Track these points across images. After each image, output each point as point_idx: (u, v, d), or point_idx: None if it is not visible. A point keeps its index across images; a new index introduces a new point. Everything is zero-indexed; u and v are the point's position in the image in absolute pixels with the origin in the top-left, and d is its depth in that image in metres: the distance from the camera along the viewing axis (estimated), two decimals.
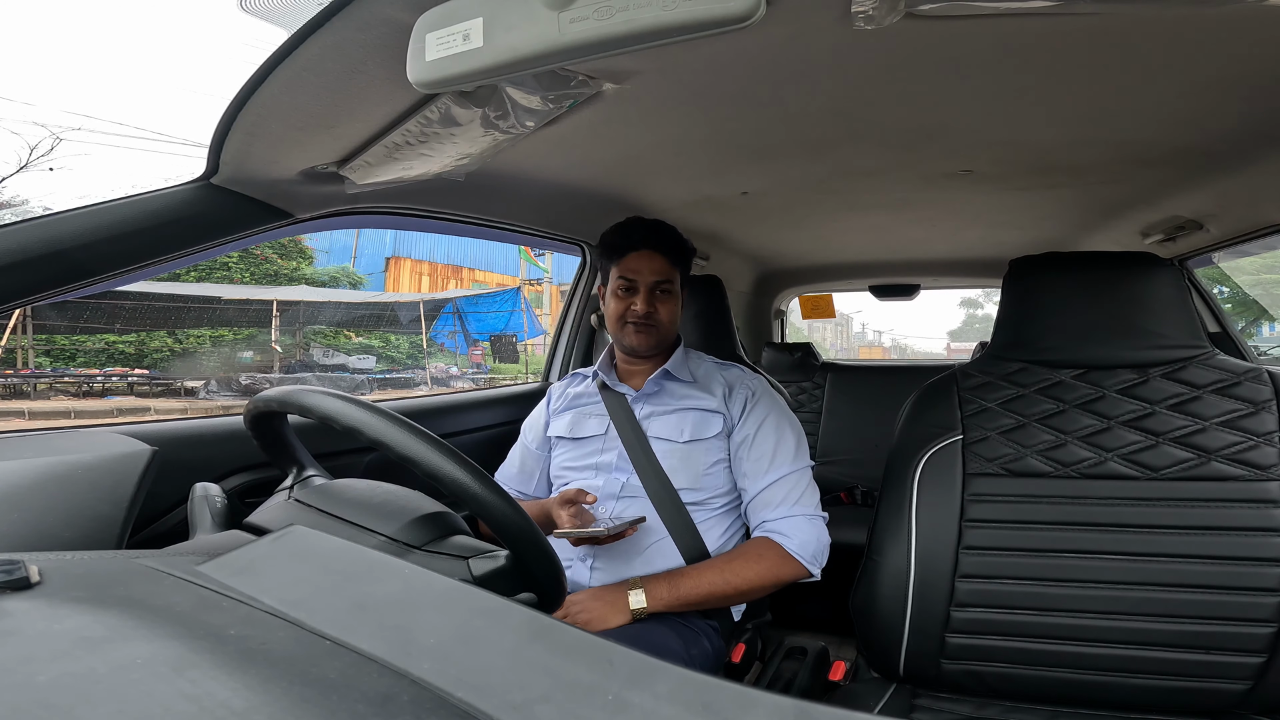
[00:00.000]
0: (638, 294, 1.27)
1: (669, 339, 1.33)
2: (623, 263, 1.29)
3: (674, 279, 1.30)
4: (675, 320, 1.33)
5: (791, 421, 1.28)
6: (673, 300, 1.31)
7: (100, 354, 10.47)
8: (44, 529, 0.71)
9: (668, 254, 1.29)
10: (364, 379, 10.96)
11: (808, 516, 1.18)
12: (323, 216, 1.12)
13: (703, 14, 0.53)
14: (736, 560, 1.14)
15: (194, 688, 0.28)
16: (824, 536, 1.18)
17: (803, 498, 1.20)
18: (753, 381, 1.31)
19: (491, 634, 0.34)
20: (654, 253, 1.28)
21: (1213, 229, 1.61)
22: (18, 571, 0.36)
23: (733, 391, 1.28)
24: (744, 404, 1.27)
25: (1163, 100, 0.97)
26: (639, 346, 1.29)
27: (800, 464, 1.23)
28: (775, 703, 0.28)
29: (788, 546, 1.14)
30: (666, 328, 1.30)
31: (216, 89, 25.72)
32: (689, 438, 1.24)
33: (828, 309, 3.14)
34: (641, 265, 1.27)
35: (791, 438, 1.24)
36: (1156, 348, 1.02)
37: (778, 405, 1.28)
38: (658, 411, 1.28)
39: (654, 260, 1.28)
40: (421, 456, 0.62)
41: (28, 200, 11.43)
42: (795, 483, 1.21)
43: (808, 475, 1.23)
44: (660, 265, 1.28)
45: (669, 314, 1.30)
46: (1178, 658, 0.94)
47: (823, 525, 1.19)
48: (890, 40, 0.76)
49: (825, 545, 1.18)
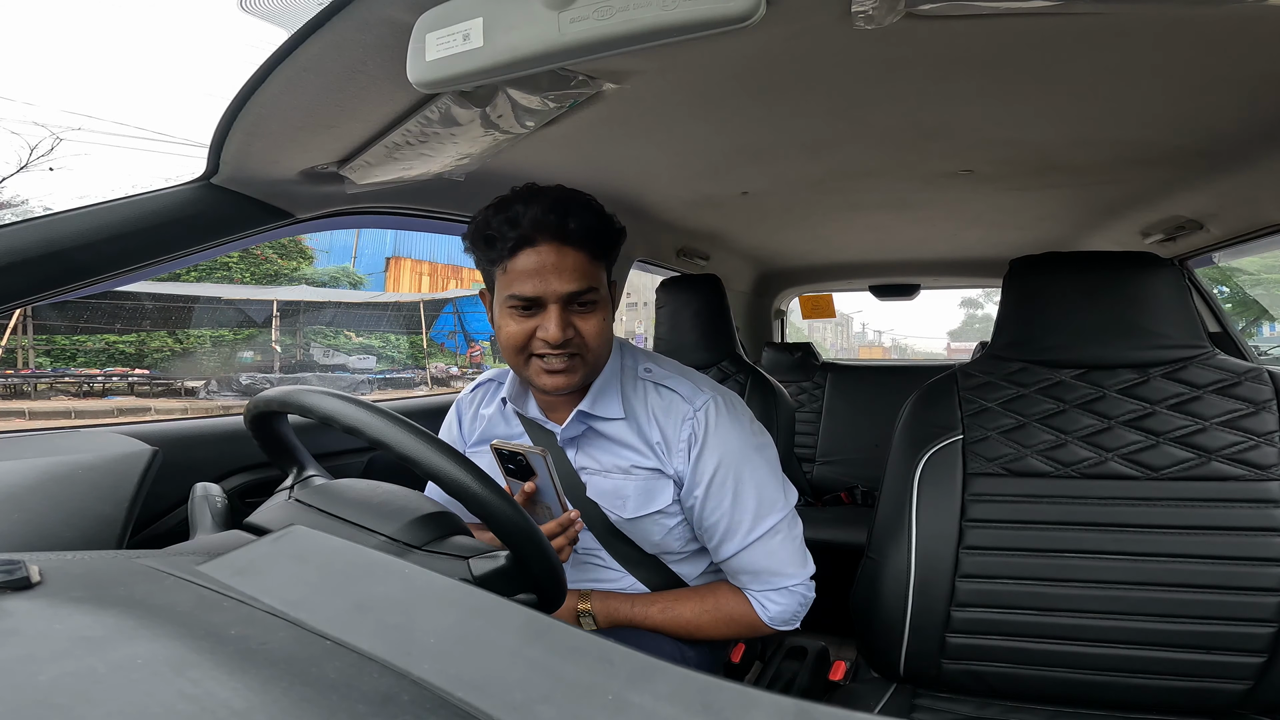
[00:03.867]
0: (544, 312, 0.87)
1: (600, 363, 0.94)
2: (513, 266, 0.86)
3: (598, 281, 0.89)
4: (607, 338, 0.93)
5: (754, 460, 0.96)
6: (599, 311, 0.90)
7: (100, 354, 10.48)
8: (45, 529, 0.71)
9: (585, 245, 0.87)
10: (364, 379, 10.97)
11: (785, 588, 0.97)
12: (323, 216, 1.12)
13: (703, 14, 0.53)
14: (706, 613, 0.97)
15: (194, 687, 0.28)
16: (806, 599, 0.99)
17: (777, 565, 0.96)
18: (698, 410, 0.95)
19: (492, 634, 0.34)
20: (563, 246, 0.85)
21: (1213, 229, 1.61)
22: (18, 571, 0.36)
23: (668, 439, 0.95)
24: (689, 453, 0.94)
25: (1163, 100, 0.97)
26: (554, 389, 0.91)
27: (772, 519, 0.95)
28: (775, 703, 0.28)
29: (763, 616, 0.97)
30: (596, 351, 0.91)
31: (216, 89, 25.73)
32: (633, 514, 0.96)
33: (828, 309, 3.14)
34: (545, 269, 0.85)
35: (751, 488, 0.94)
36: (1157, 347, 1.02)
37: (731, 442, 0.95)
38: (591, 467, 0.98)
39: (564, 258, 0.85)
40: (422, 457, 0.62)
41: (28, 200, 11.44)
42: (764, 550, 0.95)
43: (784, 530, 0.96)
44: (575, 264, 0.86)
45: (596, 331, 0.89)
46: (1178, 657, 0.94)
47: (807, 589, 0.98)
48: (890, 40, 0.76)
49: (806, 604, 0.99)
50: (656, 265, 2.14)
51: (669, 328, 1.69)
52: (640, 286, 17.14)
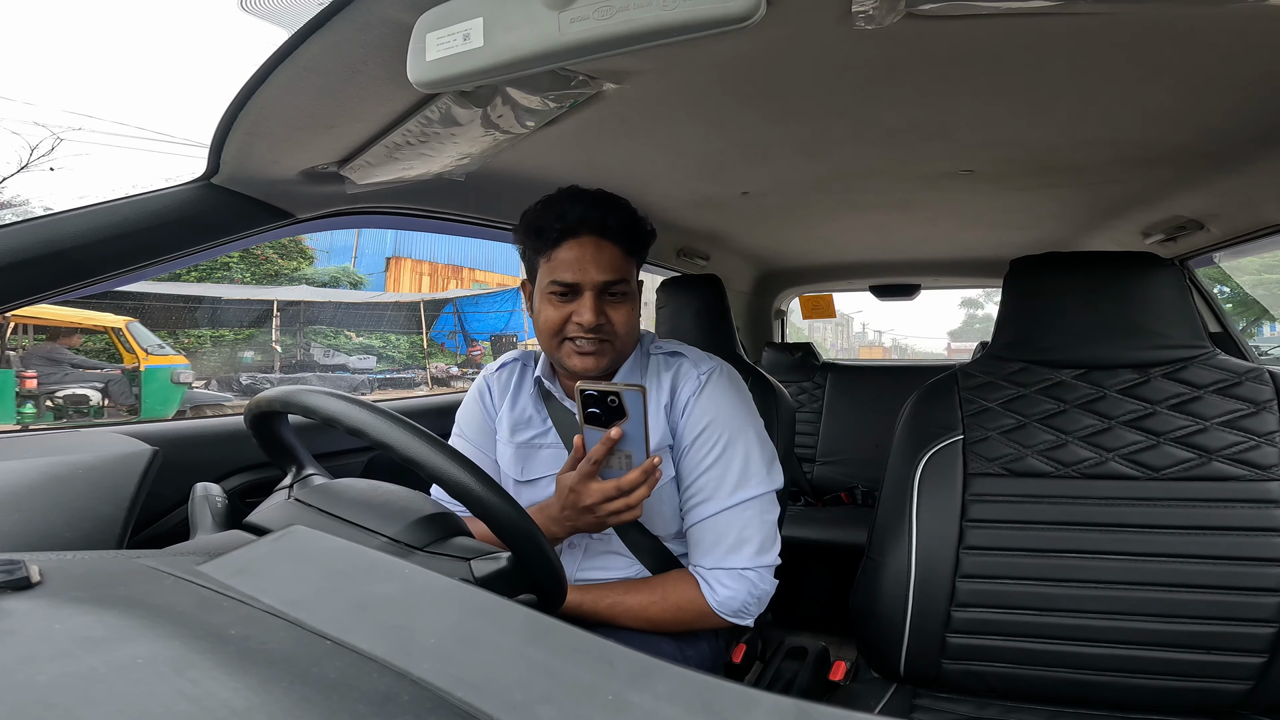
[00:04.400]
0: (580, 298, 0.95)
1: (627, 352, 1.02)
2: (556, 255, 0.95)
3: (630, 275, 0.98)
4: (634, 327, 1.01)
5: (744, 428, 0.99)
6: (629, 302, 0.99)
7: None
8: (45, 529, 0.71)
9: (620, 241, 0.96)
10: (364, 379, 10.97)
11: (738, 570, 0.95)
12: (323, 216, 1.12)
13: (703, 14, 0.53)
14: (654, 604, 0.96)
15: (194, 687, 0.28)
16: (759, 588, 0.96)
17: (740, 541, 0.95)
18: (703, 373, 1.01)
19: (492, 634, 0.34)
20: (601, 240, 0.94)
21: (1214, 229, 1.60)
22: (18, 571, 0.36)
23: (675, 400, 1.01)
24: (685, 406, 0.99)
25: (1163, 100, 0.97)
26: (585, 370, 0.97)
27: (752, 489, 0.96)
28: (776, 703, 0.28)
29: (711, 600, 0.95)
30: (624, 339, 0.98)
31: (217, 89, 25.77)
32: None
33: (828, 309, 3.14)
34: (585, 259, 0.94)
35: (739, 452, 0.97)
36: (1157, 348, 1.02)
37: (726, 405, 0.99)
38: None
39: (602, 251, 0.94)
40: (424, 457, 0.62)
41: (28, 200, 11.44)
42: (733, 521, 0.95)
43: (754, 507, 0.97)
44: (611, 258, 0.95)
45: (625, 321, 0.98)
46: (1178, 658, 0.94)
47: (760, 578, 0.96)
48: (890, 40, 0.76)
49: (760, 597, 0.96)
50: (657, 265, 2.14)
51: (669, 328, 1.68)
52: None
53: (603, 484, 0.84)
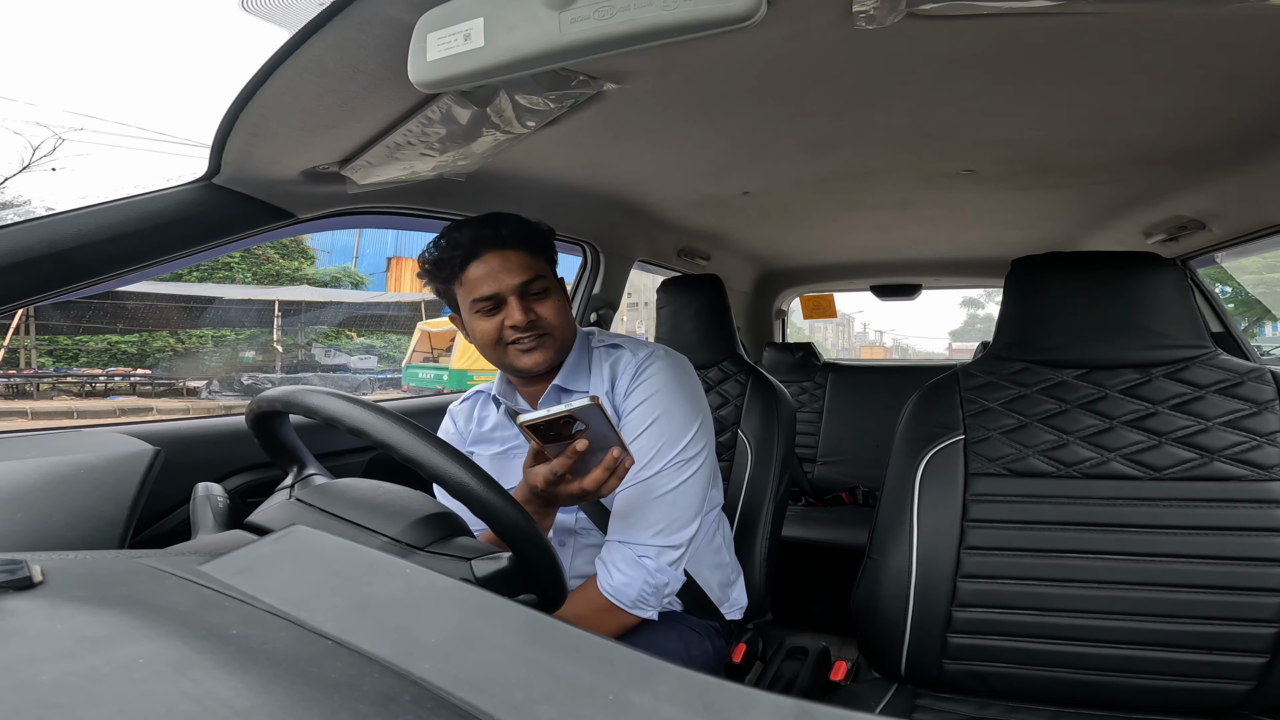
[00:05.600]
0: (506, 305, 0.99)
1: (568, 342, 1.05)
2: (467, 278, 0.99)
3: (544, 271, 1.02)
4: (567, 318, 1.04)
5: (672, 408, 1.00)
6: (553, 296, 1.02)
7: (103, 354, 10.51)
8: (47, 529, 0.71)
9: (520, 245, 1.00)
10: (366, 379, 10.98)
11: (638, 558, 0.94)
12: (324, 216, 1.12)
13: (703, 14, 0.53)
14: (581, 616, 0.93)
15: (196, 687, 0.28)
16: (655, 582, 0.94)
17: (654, 516, 0.95)
18: (644, 360, 1.04)
19: (493, 634, 0.34)
20: (502, 250, 0.99)
21: (1215, 229, 1.60)
22: (20, 571, 0.36)
23: (618, 388, 1.04)
24: (625, 391, 1.03)
25: (1164, 100, 0.97)
26: (534, 366, 1.01)
27: (658, 465, 0.97)
28: (776, 703, 0.28)
29: (604, 585, 0.94)
30: (560, 329, 1.02)
31: (218, 89, 25.78)
32: None
33: (829, 309, 3.14)
34: (494, 270, 0.98)
35: (665, 424, 0.99)
36: (1159, 348, 1.02)
37: (661, 383, 1.02)
38: None
39: (507, 259, 0.99)
40: (425, 457, 0.62)
41: (30, 200, 11.46)
42: (651, 489, 0.96)
43: (674, 477, 0.97)
44: (518, 261, 0.99)
45: (555, 312, 1.01)
46: (1180, 658, 0.94)
47: (657, 567, 0.95)
48: (891, 40, 0.76)
49: (655, 592, 0.95)
50: (657, 265, 2.14)
51: (670, 328, 1.68)
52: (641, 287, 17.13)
53: (569, 485, 0.84)
